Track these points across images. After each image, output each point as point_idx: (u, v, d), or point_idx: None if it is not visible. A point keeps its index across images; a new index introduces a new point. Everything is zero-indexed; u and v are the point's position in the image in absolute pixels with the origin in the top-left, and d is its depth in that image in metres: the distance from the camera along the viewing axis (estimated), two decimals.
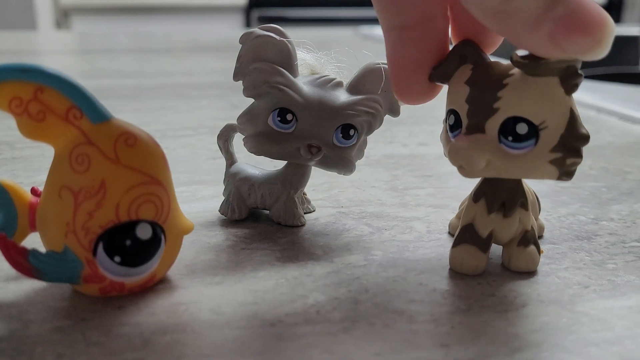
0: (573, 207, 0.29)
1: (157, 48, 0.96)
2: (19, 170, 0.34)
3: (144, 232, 0.19)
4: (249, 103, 0.25)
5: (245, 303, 0.20)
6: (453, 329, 0.19)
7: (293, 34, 0.25)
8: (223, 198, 0.28)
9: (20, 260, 0.19)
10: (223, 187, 0.28)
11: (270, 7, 2.24)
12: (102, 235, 0.19)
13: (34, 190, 0.21)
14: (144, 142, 0.19)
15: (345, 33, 1.16)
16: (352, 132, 0.25)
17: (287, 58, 0.25)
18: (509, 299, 0.20)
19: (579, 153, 0.20)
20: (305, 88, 0.25)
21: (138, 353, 0.17)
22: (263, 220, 0.27)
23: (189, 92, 0.58)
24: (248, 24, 2.22)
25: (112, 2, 2.18)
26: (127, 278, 0.20)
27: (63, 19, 2.17)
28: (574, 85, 0.19)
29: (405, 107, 0.25)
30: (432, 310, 0.20)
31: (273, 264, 0.23)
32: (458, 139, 0.20)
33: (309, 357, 0.17)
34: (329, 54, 0.26)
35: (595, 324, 0.19)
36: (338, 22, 2.01)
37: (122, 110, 0.49)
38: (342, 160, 0.25)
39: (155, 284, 0.21)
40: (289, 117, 0.24)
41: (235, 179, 0.27)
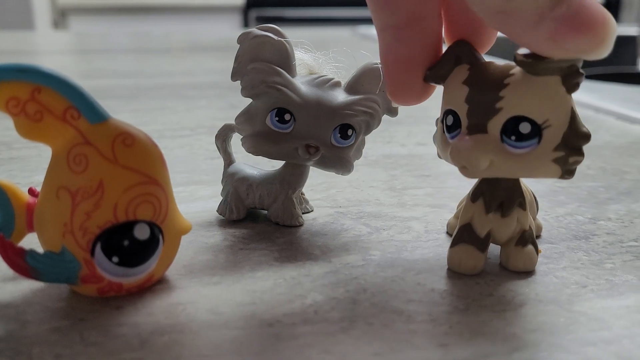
0: (571, 206, 0.29)
1: (155, 48, 0.96)
2: (17, 171, 0.33)
3: (142, 232, 0.19)
4: (247, 103, 0.25)
5: (243, 303, 0.20)
6: (451, 329, 0.19)
7: (291, 34, 0.25)
8: (221, 198, 0.28)
9: (18, 261, 0.19)
10: (221, 187, 0.28)
11: (268, 7, 2.24)
12: (100, 236, 0.19)
13: (32, 191, 0.21)
14: (142, 142, 0.19)
15: (343, 33, 1.16)
16: (350, 132, 0.25)
17: (285, 58, 0.25)
18: (507, 299, 0.20)
19: (581, 151, 0.20)
20: (303, 88, 0.25)
21: (136, 353, 0.17)
22: (261, 221, 0.27)
23: (187, 92, 0.58)
24: (246, 24, 2.22)
25: (109, 2, 2.18)
26: (125, 278, 0.20)
27: (61, 19, 2.17)
28: (576, 85, 0.19)
29: (403, 107, 0.25)
30: (430, 310, 0.20)
31: (271, 264, 0.23)
32: (460, 139, 0.20)
33: (307, 357, 0.17)
34: (327, 54, 0.26)
35: (593, 324, 0.19)
36: (336, 22, 2.01)
37: (120, 111, 0.49)
38: (340, 160, 0.25)
39: (153, 284, 0.21)
40: (287, 117, 0.24)
41: (234, 179, 0.27)
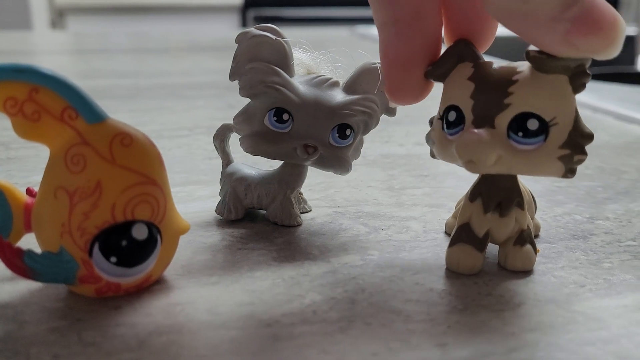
0: (569, 206, 0.29)
1: (153, 48, 0.96)
2: (14, 171, 0.33)
3: (140, 232, 0.19)
4: (246, 103, 0.25)
5: (242, 303, 0.20)
6: (450, 329, 0.19)
7: (289, 34, 0.25)
8: (219, 198, 0.28)
9: (16, 261, 0.19)
10: (219, 187, 0.28)
11: (267, 6, 2.24)
12: (98, 236, 0.19)
13: (29, 191, 0.21)
14: (140, 142, 0.19)
15: (342, 33, 1.16)
16: (348, 131, 0.25)
17: (283, 58, 0.25)
18: (506, 298, 0.21)
19: (585, 150, 0.20)
20: (302, 88, 0.25)
21: (134, 354, 0.17)
22: (259, 220, 0.27)
23: (186, 92, 0.58)
24: (244, 24, 2.22)
25: (107, 2, 2.18)
26: (123, 278, 0.20)
27: (58, 19, 2.17)
28: (582, 85, 0.20)
29: (402, 107, 0.24)
30: (428, 310, 0.20)
31: (269, 264, 0.23)
32: (466, 132, 0.20)
33: (306, 357, 0.17)
34: (325, 54, 0.26)
35: (591, 323, 0.19)
36: (334, 21, 2.01)
37: (118, 111, 0.49)
38: (338, 160, 0.25)
39: (152, 285, 0.21)
40: (285, 117, 0.24)
41: (232, 179, 0.27)
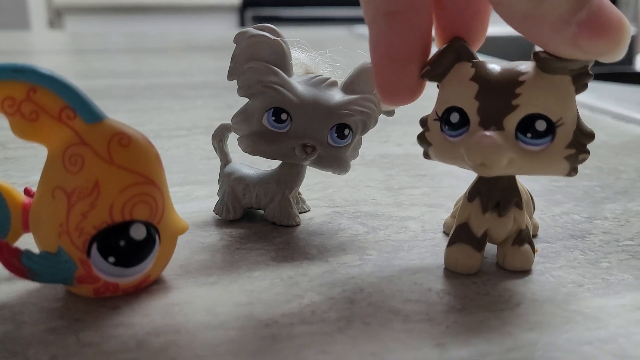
0: (567, 206, 0.29)
1: (151, 48, 0.96)
2: (12, 171, 0.33)
3: (138, 232, 0.19)
4: (244, 103, 0.25)
5: (240, 303, 0.20)
6: (448, 328, 0.19)
7: (287, 34, 0.25)
8: (218, 198, 0.28)
9: (13, 261, 0.19)
10: (218, 187, 0.28)
11: (265, 6, 2.24)
12: (96, 236, 0.19)
13: (27, 191, 0.21)
14: (138, 142, 0.19)
15: (340, 32, 1.16)
16: (346, 131, 0.25)
17: (281, 57, 0.25)
18: (504, 298, 0.21)
19: (587, 149, 0.20)
20: (300, 87, 0.25)
21: (132, 354, 0.17)
22: (258, 220, 0.27)
23: (184, 92, 0.58)
24: (242, 24, 2.22)
25: (105, 1, 2.18)
26: (121, 279, 0.20)
27: (56, 19, 2.16)
28: (585, 85, 0.20)
29: (400, 107, 0.24)
30: (427, 310, 0.20)
31: (268, 264, 0.23)
32: (477, 135, 0.19)
33: (305, 357, 0.17)
34: (324, 54, 0.26)
35: (590, 323, 0.19)
36: (332, 21, 2.00)
37: (116, 111, 0.49)
38: (336, 160, 0.25)
39: (150, 285, 0.21)
40: (284, 116, 0.24)
41: (230, 179, 0.27)
